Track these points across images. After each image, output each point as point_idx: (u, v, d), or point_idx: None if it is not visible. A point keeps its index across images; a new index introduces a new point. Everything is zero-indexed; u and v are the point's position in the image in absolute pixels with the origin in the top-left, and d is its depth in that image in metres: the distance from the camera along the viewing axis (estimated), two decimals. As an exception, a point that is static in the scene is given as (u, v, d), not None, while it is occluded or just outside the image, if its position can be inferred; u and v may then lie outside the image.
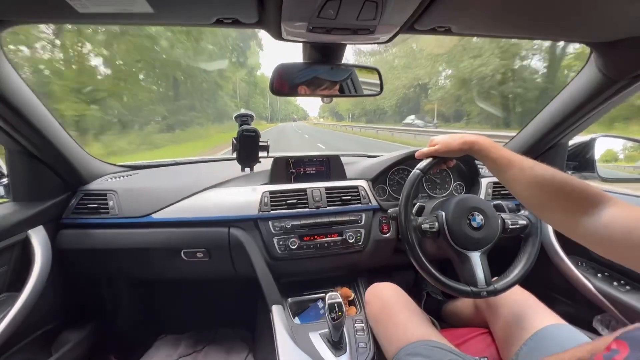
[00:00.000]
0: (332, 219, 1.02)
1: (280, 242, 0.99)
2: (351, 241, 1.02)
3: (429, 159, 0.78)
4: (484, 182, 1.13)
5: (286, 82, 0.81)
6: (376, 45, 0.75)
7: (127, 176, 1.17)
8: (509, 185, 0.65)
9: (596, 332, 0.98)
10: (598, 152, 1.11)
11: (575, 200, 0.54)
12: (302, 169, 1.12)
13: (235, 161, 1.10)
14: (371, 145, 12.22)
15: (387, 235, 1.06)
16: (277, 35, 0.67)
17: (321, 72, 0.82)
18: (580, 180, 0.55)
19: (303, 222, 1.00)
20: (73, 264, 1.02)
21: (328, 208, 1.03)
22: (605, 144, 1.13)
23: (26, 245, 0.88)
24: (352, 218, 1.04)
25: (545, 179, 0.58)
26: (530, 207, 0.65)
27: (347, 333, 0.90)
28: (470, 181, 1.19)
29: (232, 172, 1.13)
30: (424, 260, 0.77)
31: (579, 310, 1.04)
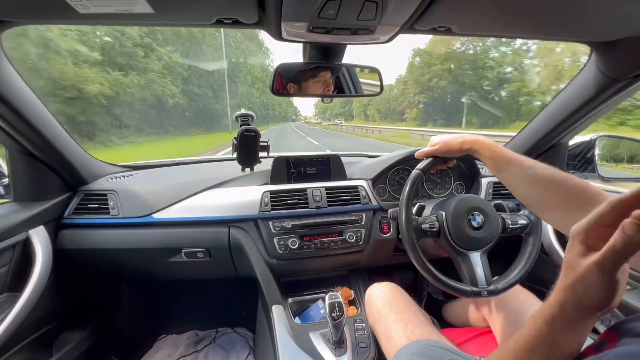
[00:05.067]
0: (333, 218, 1.03)
1: (281, 242, 0.99)
2: (351, 241, 1.02)
3: (429, 159, 0.78)
4: (484, 181, 1.13)
5: (286, 82, 0.82)
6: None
7: (128, 176, 1.17)
8: (509, 184, 0.65)
9: (597, 332, 0.98)
10: (598, 151, 1.11)
11: (574, 199, 0.54)
12: (302, 169, 1.12)
13: (236, 161, 1.10)
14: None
15: (388, 235, 1.06)
16: (277, 35, 0.67)
17: (321, 72, 0.83)
18: (579, 179, 0.56)
19: (303, 222, 1.00)
20: (73, 264, 1.02)
21: (328, 208, 1.03)
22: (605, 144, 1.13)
23: (27, 246, 0.88)
24: (353, 218, 1.04)
25: (545, 178, 0.58)
26: (530, 206, 0.65)
27: (347, 333, 0.90)
28: (471, 181, 1.19)
29: (233, 172, 1.13)
30: (425, 260, 0.77)
31: None
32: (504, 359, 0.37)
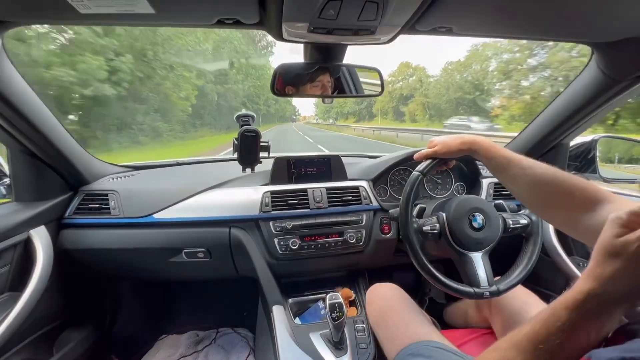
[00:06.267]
0: (333, 219, 1.02)
1: (281, 243, 0.99)
2: (352, 241, 1.02)
3: (429, 160, 0.78)
4: (485, 182, 1.13)
5: (287, 83, 0.82)
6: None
7: (129, 176, 1.17)
8: (509, 184, 0.65)
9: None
10: (599, 152, 1.11)
11: (575, 198, 0.53)
12: (303, 169, 1.12)
13: (236, 161, 1.10)
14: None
15: (388, 235, 1.06)
16: (278, 35, 0.67)
17: (322, 72, 0.83)
18: (579, 178, 0.55)
19: (304, 222, 1.00)
20: (74, 264, 1.02)
21: (329, 208, 1.03)
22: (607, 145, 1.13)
23: (28, 245, 0.88)
24: (353, 218, 1.04)
25: (545, 178, 0.58)
26: (530, 206, 0.65)
27: (347, 333, 0.90)
28: (471, 182, 1.18)
29: (233, 172, 1.13)
30: (426, 263, 0.76)
31: None
32: (518, 342, 0.36)
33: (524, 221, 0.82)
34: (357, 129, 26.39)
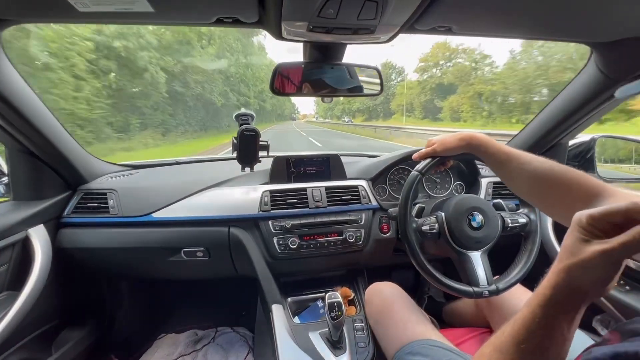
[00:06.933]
0: (332, 218, 1.03)
1: (280, 242, 0.99)
2: (351, 241, 1.02)
3: (428, 160, 0.78)
4: (484, 182, 1.13)
5: (286, 82, 0.82)
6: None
7: (127, 175, 1.17)
8: (508, 180, 0.65)
9: (596, 333, 0.98)
10: (598, 152, 1.11)
11: (573, 192, 0.53)
12: (302, 169, 1.12)
13: (236, 161, 1.10)
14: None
15: (387, 234, 1.06)
16: (278, 34, 0.67)
17: (321, 72, 0.83)
18: (577, 171, 0.55)
19: (303, 221, 1.00)
20: (73, 263, 1.02)
21: (328, 207, 1.03)
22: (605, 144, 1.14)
23: (26, 244, 0.88)
24: (352, 217, 1.04)
25: (542, 172, 0.58)
26: (531, 201, 0.65)
27: (346, 332, 0.90)
28: (470, 181, 1.19)
29: (232, 171, 1.13)
30: (425, 263, 0.77)
31: None
32: (501, 344, 0.37)
33: (522, 220, 0.82)
34: (417, 132, 14.48)
